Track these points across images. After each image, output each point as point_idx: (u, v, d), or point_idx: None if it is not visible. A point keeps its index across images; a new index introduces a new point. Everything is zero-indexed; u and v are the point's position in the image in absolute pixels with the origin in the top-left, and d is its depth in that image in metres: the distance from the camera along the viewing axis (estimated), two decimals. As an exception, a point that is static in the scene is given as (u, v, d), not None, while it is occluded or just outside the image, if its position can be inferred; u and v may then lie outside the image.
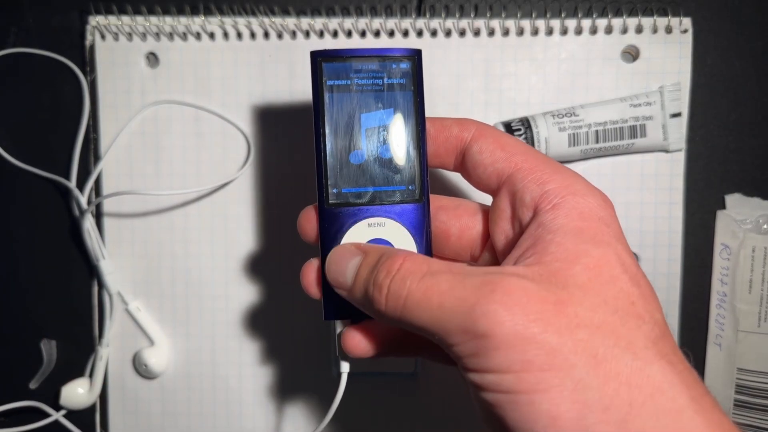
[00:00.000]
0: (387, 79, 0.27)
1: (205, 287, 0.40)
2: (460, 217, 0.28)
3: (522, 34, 0.38)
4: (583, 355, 0.20)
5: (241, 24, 0.39)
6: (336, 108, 0.27)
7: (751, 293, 0.37)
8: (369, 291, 0.24)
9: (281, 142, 0.39)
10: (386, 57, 0.27)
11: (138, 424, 0.41)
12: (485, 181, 0.27)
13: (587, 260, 0.22)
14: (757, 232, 0.37)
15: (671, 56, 0.37)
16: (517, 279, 0.21)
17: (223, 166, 0.40)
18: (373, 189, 0.27)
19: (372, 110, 0.27)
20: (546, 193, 0.24)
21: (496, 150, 0.26)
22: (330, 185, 0.27)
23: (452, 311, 0.21)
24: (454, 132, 0.27)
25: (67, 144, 0.40)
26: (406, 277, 0.23)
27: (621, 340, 0.20)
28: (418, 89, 0.27)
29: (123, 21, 0.39)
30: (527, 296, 0.21)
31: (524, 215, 0.25)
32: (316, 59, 0.27)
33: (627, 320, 0.21)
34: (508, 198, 0.26)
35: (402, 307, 0.23)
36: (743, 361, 0.38)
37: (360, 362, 0.39)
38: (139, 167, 0.40)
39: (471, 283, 0.22)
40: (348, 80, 0.27)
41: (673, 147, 0.37)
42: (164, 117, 0.40)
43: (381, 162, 0.27)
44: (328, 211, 0.27)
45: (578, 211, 0.23)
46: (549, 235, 0.23)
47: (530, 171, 0.25)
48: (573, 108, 0.37)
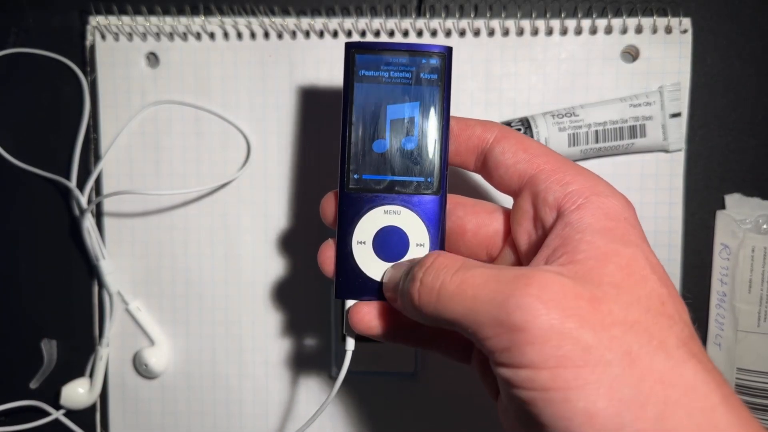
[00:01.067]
0: (416, 73, 0.28)
1: (205, 287, 0.40)
2: (477, 213, 0.29)
3: (522, 34, 0.38)
4: (618, 352, 0.20)
5: (241, 24, 0.39)
6: (364, 97, 0.28)
7: (750, 293, 0.37)
8: (403, 288, 0.24)
9: (281, 142, 0.39)
10: (417, 52, 0.28)
11: (138, 424, 0.41)
12: (507, 181, 0.27)
13: (618, 259, 0.22)
14: (756, 232, 0.37)
15: (671, 56, 0.37)
16: (552, 274, 0.21)
17: (223, 166, 0.40)
18: (392, 178, 0.28)
19: (399, 102, 0.28)
20: (569, 194, 0.24)
21: (519, 151, 0.26)
22: (351, 171, 0.28)
23: (486, 303, 0.21)
24: (477, 132, 0.28)
25: (67, 144, 0.40)
26: (440, 269, 0.23)
27: (653, 339, 0.20)
28: (446, 86, 0.28)
29: (123, 21, 0.39)
30: (563, 291, 0.21)
31: (547, 216, 0.25)
32: (349, 50, 0.28)
33: (659, 320, 0.21)
34: (531, 199, 0.26)
35: (435, 299, 0.23)
36: (743, 361, 0.38)
37: (358, 363, 0.39)
38: (139, 167, 0.40)
39: (505, 276, 0.22)
40: (378, 72, 0.28)
41: (672, 147, 0.37)
42: (164, 117, 0.40)
43: (402, 152, 0.28)
44: (347, 195, 0.28)
45: (604, 211, 0.23)
46: (578, 235, 0.23)
47: (552, 172, 0.25)
48: (573, 108, 0.37)
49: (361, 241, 0.28)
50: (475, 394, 0.38)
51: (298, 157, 0.39)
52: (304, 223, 0.40)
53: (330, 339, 0.39)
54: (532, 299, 0.21)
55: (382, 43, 0.28)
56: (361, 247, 0.28)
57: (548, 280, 0.21)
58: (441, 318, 0.23)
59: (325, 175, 0.39)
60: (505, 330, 0.21)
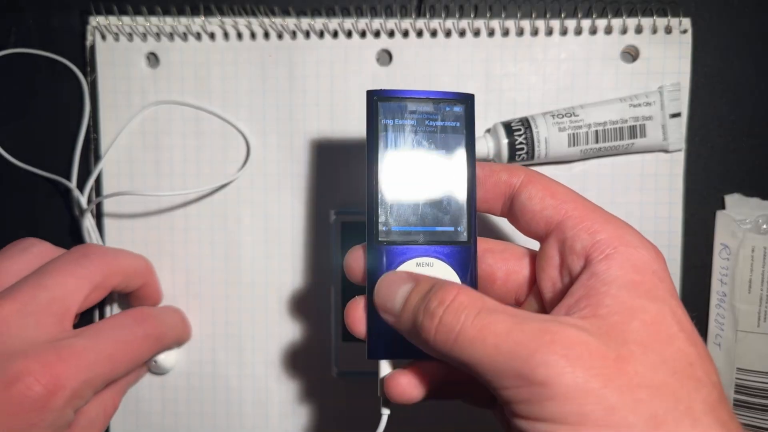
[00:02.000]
0: (440, 121, 0.28)
1: (205, 287, 0.40)
2: (507, 260, 0.28)
3: (522, 34, 0.38)
4: (643, 416, 0.20)
5: (241, 24, 0.39)
6: (390, 147, 0.27)
7: (750, 293, 0.37)
8: (418, 319, 0.23)
9: (281, 142, 0.39)
10: (441, 100, 0.28)
11: (138, 424, 0.41)
12: (533, 227, 0.26)
13: (645, 316, 0.22)
14: (756, 232, 0.37)
15: (671, 56, 0.37)
16: (576, 331, 0.21)
17: (223, 166, 0.40)
18: (423, 229, 0.27)
19: (425, 151, 0.27)
20: (598, 243, 0.24)
21: (546, 197, 0.26)
22: (380, 222, 0.27)
23: (509, 354, 0.21)
24: (503, 178, 0.27)
25: (67, 144, 0.40)
26: (460, 310, 0.22)
27: (680, 404, 0.20)
28: (470, 133, 0.28)
29: (123, 21, 0.39)
30: (588, 350, 0.20)
31: (574, 264, 0.24)
32: (372, 98, 0.27)
33: (686, 383, 0.21)
34: (557, 245, 0.25)
35: (453, 341, 0.22)
36: (743, 361, 0.38)
37: (359, 363, 0.39)
38: (139, 167, 0.40)
39: (529, 328, 0.21)
40: (403, 120, 0.27)
41: (672, 147, 0.37)
42: (164, 117, 0.40)
43: (431, 202, 0.27)
44: (377, 248, 0.27)
45: (632, 264, 0.23)
46: (603, 287, 0.23)
47: (581, 219, 0.25)
48: (573, 108, 0.37)
49: None
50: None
51: (298, 156, 0.39)
52: (304, 222, 0.40)
53: (330, 339, 0.40)
54: (558, 357, 0.20)
55: (405, 91, 0.28)
56: None
57: (573, 338, 0.21)
58: (454, 359, 0.23)
59: (326, 174, 0.39)
60: (526, 383, 0.20)
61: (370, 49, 0.38)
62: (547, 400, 0.20)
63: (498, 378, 0.21)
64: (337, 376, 0.40)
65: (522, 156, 0.36)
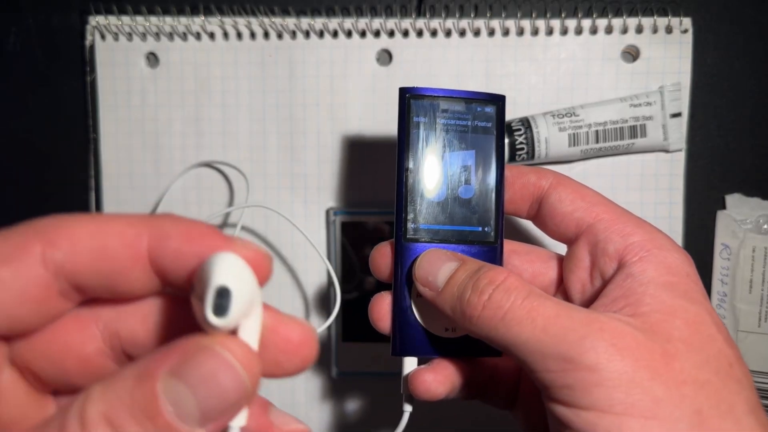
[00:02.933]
0: (472, 121, 0.28)
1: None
2: (533, 262, 0.28)
3: (522, 34, 0.38)
4: (688, 411, 0.20)
5: (241, 24, 0.39)
6: (421, 145, 0.27)
7: (751, 293, 0.37)
8: (465, 294, 0.24)
9: (281, 142, 0.39)
10: (473, 100, 0.28)
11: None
12: (563, 229, 0.26)
13: (686, 315, 0.22)
14: (757, 232, 0.37)
15: (671, 56, 0.37)
16: (623, 324, 0.21)
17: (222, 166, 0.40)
18: (451, 228, 0.27)
19: (455, 150, 0.28)
20: (631, 245, 0.24)
21: (576, 199, 0.26)
22: (409, 220, 0.27)
23: (557, 337, 0.21)
24: (532, 179, 0.27)
25: (68, 143, 0.40)
26: (511, 290, 0.23)
27: (723, 403, 0.20)
28: (500, 134, 0.28)
29: (123, 21, 0.39)
30: (636, 342, 0.21)
31: (607, 266, 0.25)
32: (404, 96, 0.27)
33: (728, 383, 0.21)
34: (588, 248, 0.26)
35: (500, 318, 0.22)
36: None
37: (359, 363, 0.39)
38: (139, 167, 0.40)
39: (578, 316, 0.21)
40: (435, 119, 0.27)
41: (673, 147, 0.37)
42: (164, 117, 0.40)
43: (460, 202, 0.27)
44: (405, 246, 0.27)
45: (666, 266, 0.23)
46: (641, 288, 0.23)
47: (612, 222, 0.25)
48: (573, 108, 0.37)
49: (420, 294, 0.27)
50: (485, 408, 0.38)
51: (298, 156, 0.39)
52: (304, 222, 0.39)
53: (330, 339, 0.39)
54: (607, 344, 0.20)
55: (437, 90, 0.28)
56: (420, 300, 0.27)
57: (622, 329, 0.21)
58: (496, 339, 0.23)
59: (326, 174, 0.39)
60: (572, 367, 0.20)
61: (370, 48, 0.38)
62: (593, 386, 0.20)
63: (543, 360, 0.21)
64: (337, 376, 0.40)
65: (522, 156, 0.36)
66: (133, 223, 0.17)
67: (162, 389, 0.15)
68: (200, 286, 0.16)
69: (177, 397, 0.15)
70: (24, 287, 0.16)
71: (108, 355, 0.19)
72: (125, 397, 0.15)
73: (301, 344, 0.18)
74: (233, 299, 0.15)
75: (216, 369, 0.15)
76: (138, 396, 0.15)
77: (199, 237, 0.17)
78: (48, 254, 0.16)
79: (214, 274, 0.15)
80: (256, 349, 0.17)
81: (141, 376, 0.15)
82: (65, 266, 0.17)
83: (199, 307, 0.16)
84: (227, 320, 0.15)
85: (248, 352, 0.16)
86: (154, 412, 0.15)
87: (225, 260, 0.16)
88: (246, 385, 0.16)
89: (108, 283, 0.17)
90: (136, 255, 0.17)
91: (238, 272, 0.16)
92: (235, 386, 0.16)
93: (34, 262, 0.16)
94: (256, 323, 0.17)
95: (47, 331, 0.18)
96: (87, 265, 0.17)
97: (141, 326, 0.19)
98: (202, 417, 0.15)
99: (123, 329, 0.19)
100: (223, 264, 0.16)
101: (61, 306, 0.18)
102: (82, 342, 0.18)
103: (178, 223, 0.17)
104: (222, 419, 0.16)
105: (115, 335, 0.19)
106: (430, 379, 0.26)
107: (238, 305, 0.16)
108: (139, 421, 0.15)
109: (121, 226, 0.17)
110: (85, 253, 0.17)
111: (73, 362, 0.18)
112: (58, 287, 0.17)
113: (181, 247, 0.17)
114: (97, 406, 0.15)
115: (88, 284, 0.17)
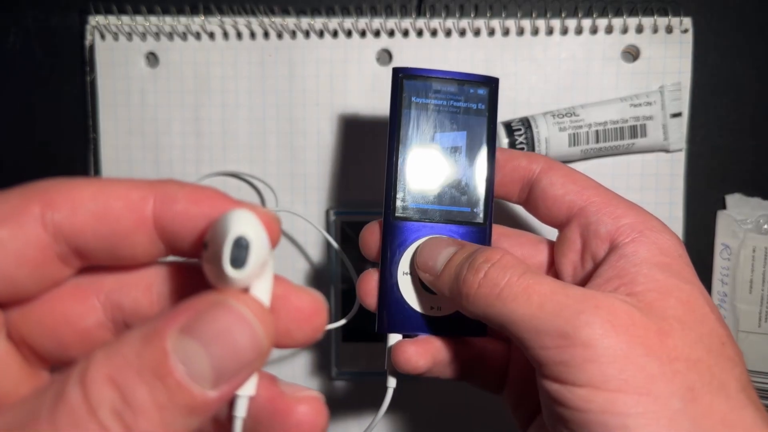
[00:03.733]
0: (464, 102, 0.28)
1: (205, 287, 0.40)
2: (523, 245, 0.28)
3: (522, 34, 0.38)
4: (681, 387, 0.20)
5: (241, 24, 0.39)
6: (412, 124, 0.27)
7: (751, 293, 0.37)
8: (462, 273, 0.24)
9: (281, 142, 0.39)
10: (465, 81, 0.28)
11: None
12: (554, 213, 0.27)
13: (680, 294, 0.22)
14: (757, 232, 0.37)
15: (672, 56, 0.37)
16: (619, 302, 0.21)
17: (222, 166, 0.39)
18: (440, 207, 0.27)
19: (446, 131, 0.28)
20: (622, 227, 0.24)
21: (568, 183, 0.26)
22: (398, 198, 0.27)
23: (552, 314, 0.21)
24: (523, 163, 0.27)
25: (68, 144, 0.40)
26: (507, 268, 0.23)
27: (714, 380, 0.20)
28: (492, 116, 0.28)
29: (123, 21, 0.39)
30: (631, 319, 0.21)
31: (599, 248, 0.25)
32: (398, 75, 0.27)
33: (719, 361, 0.21)
34: (579, 230, 0.26)
35: (496, 296, 0.22)
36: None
37: (359, 363, 0.39)
38: (139, 167, 0.40)
39: (574, 293, 0.21)
40: (427, 99, 0.27)
41: (673, 147, 0.37)
42: (164, 117, 0.40)
43: (450, 182, 0.27)
44: (393, 224, 0.27)
45: (658, 247, 0.23)
46: (634, 268, 0.23)
47: (603, 205, 0.25)
48: (573, 108, 0.37)
49: (407, 272, 0.27)
50: (475, 393, 0.38)
51: (298, 156, 0.39)
52: (304, 221, 0.39)
53: (330, 339, 0.39)
54: (602, 320, 0.20)
55: (430, 70, 0.27)
56: (406, 278, 0.27)
57: (618, 306, 0.21)
58: (492, 315, 0.23)
59: (326, 174, 0.39)
60: (567, 343, 0.20)
61: (370, 48, 0.38)
62: (588, 362, 0.20)
63: (538, 337, 0.21)
64: (337, 376, 0.40)
65: (522, 156, 0.36)
66: (138, 186, 0.17)
67: (172, 347, 0.14)
68: (215, 241, 0.15)
69: (189, 355, 0.14)
70: (22, 248, 0.16)
71: (108, 329, 0.18)
72: (132, 357, 0.14)
73: (312, 313, 0.18)
74: (252, 250, 0.15)
75: (231, 324, 0.15)
76: (146, 355, 0.14)
77: (207, 198, 0.17)
78: (47, 215, 0.16)
79: (232, 226, 0.15)
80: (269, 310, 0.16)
81: (149, 336, 0.14)
82: (65, 228, 0.16)
83: (210, 266, 0.15)
84: (245, 272, 0.15)
85: (264, 309, 0.16)
86: (164, 371, 0.14)
87: (242, 215, 0.16)
88: (262, 343, 0.15)
89: (110, 247, 0.17)
90: (141, 218, 0.16)
91: (255, 226, 0.15)
92: (251, 343, 0.15)
93: (32, 222, 0.16)
94: (267, 285, 0.17)
95: (45, 301, 0.17)
96: (88, 228, 0.16)
97: (144, 297, 0.18)
98: (216, 377, 0.14)
99: (125, 300, 0.18)
100: (240, 218, 0.15)
101: (60, 272, 0.17)
102: (81, 314, 0.18)
103: (183, 186, 0.17)
104: (235, 381, 0.15)
105: (117, 307, 0.18)
106: (412, 351, 0.26)
107: (256, 257, 0.15)
108: (148, 382, 0.14)
109: (125, 189, 0.16)
110: (87, 215, 0.16)
111: (71, 335, 0.18)
112: (57, 250, 0.16)
113: (189, 209, 0.16)
114: (100, 369, 0.14)
115: (88, 248, 0.16)
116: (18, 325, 0.17)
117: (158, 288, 0.18)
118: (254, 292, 0.16)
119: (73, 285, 0.18)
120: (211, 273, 0.16)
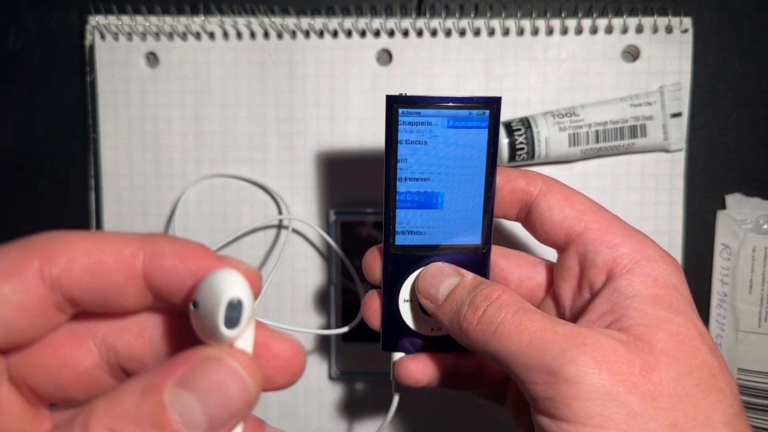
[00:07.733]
0: (464, 126, 0.26)
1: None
2: (521, 266, 0.29)
3: (522, 34, 0.38)
4: (663, 423, 0.20)
5: (241, 24, 0.39)
6: (409, 153, 0.26)
7: (751, 293, 0.37)
8: (462, 310, 0.25)
9: (281, 142, 0.39)
10: (465, 105, 0.26)
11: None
12: (552, 237, 0.27)
13: (670, 326, 0.22)
14: (757, 232, 0.37)
15: (672, 56, 0.37)
16: (606, 338, 0.21)
17: (222, 167, 0.39)
18: (439, 235, 0.27)
19: (446, 159, 0.27)
20: (619, 257, 0.24)
21: (565, 207, 0.26)
22: (397, 231, 0.27)
23: (541, 350, 0.22)
24: (521, 185, 0.27)
25: (68, 144, 0.40)
26: (503, 306, 0.23)
27: (700, 414, 0.21)
28: (493, 138, 0.26)
29: (123, 21, 0.39)
30: (616, 356, 0.21)
31: (596, 278, 0.25)
32: (392, 105, 0.26)
33: (709, 393, 0.21)
34: (577, 258, 0.26)
35: (491, 333, 0.23)
36: (744, 362, 0.38)
37: (359, 363, 0.39)
38: (139, 167, 0.40)
39: (563, 330, 0.22)
40: (423, 127, 0.26)
41: (673, 147, 0.37)
42: (164, 117, 0.40)
43: (449, 210, 0.27)
44: (392, 256, 0.27)
45: (653, 278, 0.23)
46: (626, 301, 0.23)
47: (601, 232, 0.25)
48: (573, 108, 0.37)
49: (408, 299, 0.28)
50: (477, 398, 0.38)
51: (298, 156, 0.39)
52: (304, 222, 0.39)
53: (330, 339, 0.39)
54: (587, 357, 0.21)
55: (426, 97, 0.26)
56: (407, 305, 0.28)
57: (603, 343, 0.21)
58: (489, 351, 0.23)
59: (326, 174, 0.39)
60: (553, 380, 0.21)
61: (370, 48, 0.38)
62: (572, 398, 0.20)
63: (529, 372, 0.22)
64: (337, 376, 0.40)
65: (522, 156, 0.36)
66: (129, 242, 0.18)
67: (169, 399, 0.15)
68: (206, 301, 0.17)
69: (184, 407, 0.15)
70: (23, 301, 0.17)
71: (104, 370, 0.19)
72: (131, 409, 0.15)
73: (291, 360, 0.19)
74: (244, 311, 0.16)
75: (224, 378, 0.16)
76: (145, 407, 0.15)
77: (193, 256, 0.18)
78: (46, 270, 0.17)
79: (223, 289, 0.16)
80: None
81: (147, 389, 0.16)
82: (62, 281, 0.17)
83: (202, 324, 0.17)
84: (237, 331, 0.16)
85: (252, 362, 0.17)
86: (162, 422, 0.15)
87: (230, 277, 0.17)
88: (251, 393, 0.17)
89: (103, 298, 0.18)
90: (131, 273, 0.18)
91: (243, 288, 0.17)
92: (242, 394, 0.16)
93: (32, 276, 0.17)
94: (250, 335, 0.18)
95: (44, 346, 0.19)
96: (83, 281, 0.17)
97: (137, 341, 0.19)
98: (209, 425, 0.16)
99: (119, 343, 0.19)
100: (229, 280, 0.17)
101: (57, 318, 0.18)
102: (79, 357, 0.19)
103: (172, 242, 0.18)
104: (226, 428, 0.16)
105: (112, 349, 0.19)
106: (413, 367, 0.28)
107: (247, 317, 0.17)
108: None
109: (117, 245, 0.18)
110: (82, 269, 0.17)
111: (69, 376, 0.19)
112: (54, 301, 0.18)
113: (176, 265, 0.18)
114: (101, 420, 0.15)
115: (83, 299, 0.18)
116: (19, 368, 0.19)
117: (150, 332, 0.19)
118: (239, 342, 0.17)
119: (70, 330, 0.19)
120: (202, 330, 0.17)
